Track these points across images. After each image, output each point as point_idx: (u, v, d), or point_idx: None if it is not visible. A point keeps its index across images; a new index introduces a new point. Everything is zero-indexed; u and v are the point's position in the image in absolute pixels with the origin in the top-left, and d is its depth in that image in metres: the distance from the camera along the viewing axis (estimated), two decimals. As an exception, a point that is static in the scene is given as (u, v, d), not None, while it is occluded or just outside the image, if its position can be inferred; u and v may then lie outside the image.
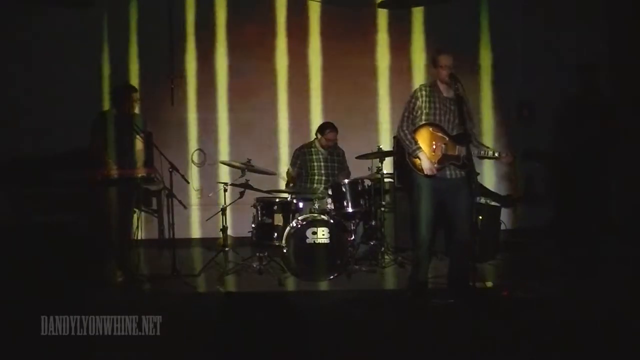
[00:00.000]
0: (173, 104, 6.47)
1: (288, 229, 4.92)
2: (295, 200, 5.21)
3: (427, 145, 4.07)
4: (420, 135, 4.09)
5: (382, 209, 5.39)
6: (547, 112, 6.02)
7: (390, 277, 4.99)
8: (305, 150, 5.73)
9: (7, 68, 6.24)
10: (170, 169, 4.82)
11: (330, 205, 5.20)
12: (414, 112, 4.11)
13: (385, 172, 5.40)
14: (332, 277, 4.83)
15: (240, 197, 5.34)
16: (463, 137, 4.04)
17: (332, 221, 4.91)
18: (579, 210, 5.37)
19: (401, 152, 4.49)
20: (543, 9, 6.45)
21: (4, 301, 3.70)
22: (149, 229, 6.25)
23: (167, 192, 5.01)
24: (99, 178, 4.40)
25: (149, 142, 4.83)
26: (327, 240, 4.84)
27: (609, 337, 3.29)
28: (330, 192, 5.27)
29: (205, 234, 6.52)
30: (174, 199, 4.96)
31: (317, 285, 4.77)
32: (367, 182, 5.50)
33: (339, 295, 4.48)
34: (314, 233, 4.85)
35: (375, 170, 5.53)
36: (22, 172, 5.24)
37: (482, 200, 5.55)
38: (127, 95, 4.53)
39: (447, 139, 4.09)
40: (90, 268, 4.40)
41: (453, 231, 4.20)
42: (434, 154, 4.07)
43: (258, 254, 5.14)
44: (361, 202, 5.23)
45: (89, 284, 4.27)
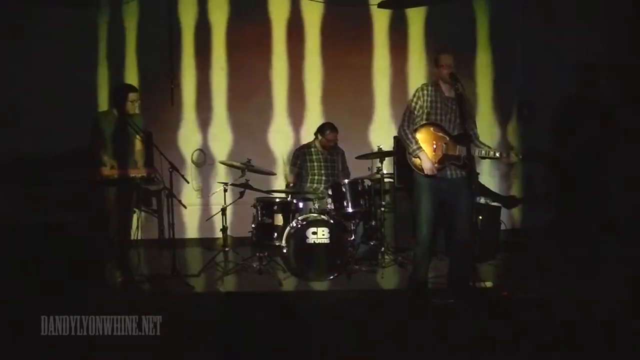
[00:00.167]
0: (173, 104, 6.47)
1: (288, 229, 4.92)
2: (295, 200, 5.21)
3: (428, 144, 4.07)
4: (421, 135, 4.10)
5: (382, 209, 5.39)
6: (547, 112, 6.02)
7: (390, 277, 4.99)
8: (305, 151, 5.73)
9: (7, 68, 6.23)
10: (170, 169, 4.82)
11: (330, 205, 5.20)
12: (415, 112, 4.11)
13: (385, 172, 5.40)
14: (332, 277, 4.83)
15: (240, 197, 5.34)
16: (464, 137, 4.04)
17: (332, 221, 4.91)
18: (579, 210, 5.37)
19: (402, 151, 4.49)
20: (543, 9, 6.45)
21: (4, 301, 3.70)
22: (149, 229, 6.25)
23: (167, 192, 5.00)
24: (98, 178, 4.39)
25: (149, 142, 4.83)
26: (327, 240, 4.84)
27: (609, 337, 3.29)
28: (330, 192, 5.26)
29: (205, 234, 6.52)
30: (174, 199, 4.95)
31: (317, 285, 4.77)
32: (367, 182, 5.50)
33: (339, 295, 4.48)
34: (314, 233, 4.85)
35: (375, 170, 5.53)
36: (22, 172, 5.23)
37: (482, 200, 5.55)
38: (127, 95, 4.52)
39: (447, 138, 4.09)
40: (90, 268, 4.40)
41: (453, 231, 4.21)
42: (434, 153, 4.07)
43: (258, 254, 5.14)
44: (361, 202, 5.23)
45: (89, 284, 4.27)
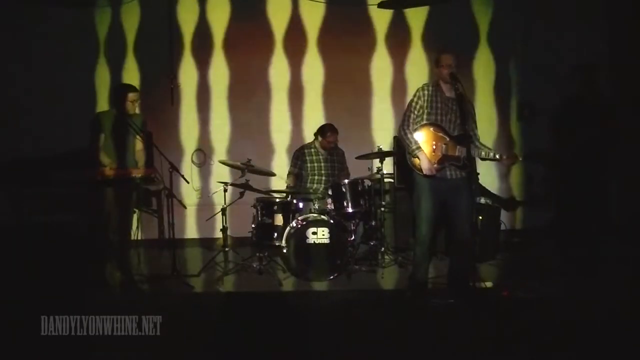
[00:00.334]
0: (173, 104, 6.47)
1: (288, 229, 4.92)
2: (295, 200, 5.21)
3: (428, 145, 4.07)
4: (420, 135, 4.09)
5: (382, 209, 5.38)
6: (547, 112, 6.02)
7: (390, 277, 4.99)
8: (305, 151, 5.73)
9: (7, 68, 6.24)
10: (170, 169, 4.82)
11: (330, 205, 5.20)
12: (416, 112, 4.11)
13: (385, 172, 5.40)
14: (332, 277, 4.83)
15: (240, 197, 5.34)
16: (464, 138, 4.03)
17: (332, 221, 4.91)
18: (579, 210, 5.37)
19: (402, 151, 4.49)
20: (543, 9, 6.45)
21: (4, 301, 3.70)
22: (149, 229, 6.25)
23: (167, 192, 5.00)
24: (98, 178, 4.39)
25: (149, 142, 4.83)
26: (327, 241, 4.84)
27: (609, 337, 3.29)
28: (330, 192, 5.26)
29: (205, 234, 6.52)
30: (174, 199, 4.96)
31: (317, 285, 4.77)
32: (367, 182, 5.50)
33: (339, 295, 4.47)
34: (314, 233, 4.85)
35: (375, 170, 5.53)
36: (22, 172, 5.23)
37: (482, 200, 5.55)
38: (127, 94, 4.52)
39: (447, 139, 4.08)
40: (90, 268, 4.40)
41: (453, 231, 4.21)
42: (434, 154, 4.07)
43: (258, 254, 5.14)
44: (361, 202, 5.23)
45: (89, 284, 4.27)
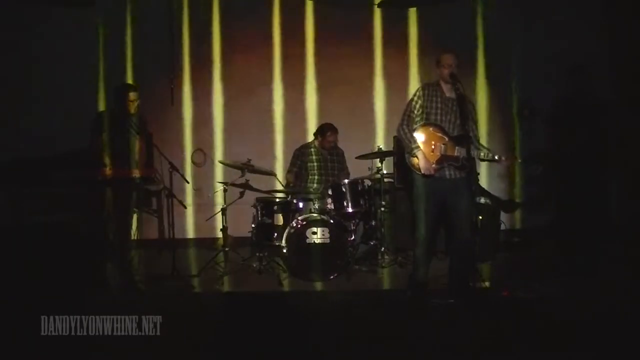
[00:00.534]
0: (173, 104, 6.47)
1: (288, 229, 4.91)
2: (295, 200, 5.21)
3: (427, 145, 4.07)
4: (420, 135, 4.08)
5: (382, 209, 5.39)
6: (547, 112, 6.01)
7: (390, 277, 4.99)
8: (305, 151, 5.73)
9: (7, 68, 6.23)
10: (170, 169, 4.82)
11: (330, 205, 5.20)
12: (415, 111, 4.10)
13: (385, 172, 5.40)
14: (332, 277, 4.83)
15: (240, 197, 5.34)
16: (463, 138, 4.03)
17: (332, 221, 4.91)
18: (579, 211, 5.37)
19: (401, 151, 4.49)
20: (542, 9, 6.45)
21: (4, 301, 3.70)
22: (149, 229, 6.25)
23: (167, 192, 5.00)
24: (99, 178, 4.39)
25: (149, 142, 4.82)
26: (327, 240, 4.84)
27: (609, 337, 3.29)
28: (330, 192, 5.26)
29: (205, 234, 6.51)
30: (174, 199, 4.96)
31: (317, 285, 4.77)
32: (367, 182, 5.50)
33: (339, 295, 4.48)
34: (314, 233, 4.85)
35: (375, 170, 5.53)
36: (22, 172, 5.22)
37: (482, 200, 5.54)
38: (127, 94, 4.52)
39: (446, 139, 4.08)
40: (90, 268, 4.40)
41: (453, 231, 4.20)
42: (432, 154, 4.06)
43: (258, 254, 5.14)
44: (361, 202, 5.23)
45: (88, 284, 4.27)
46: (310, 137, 6.08)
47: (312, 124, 6.47)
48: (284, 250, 4.89)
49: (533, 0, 6.52)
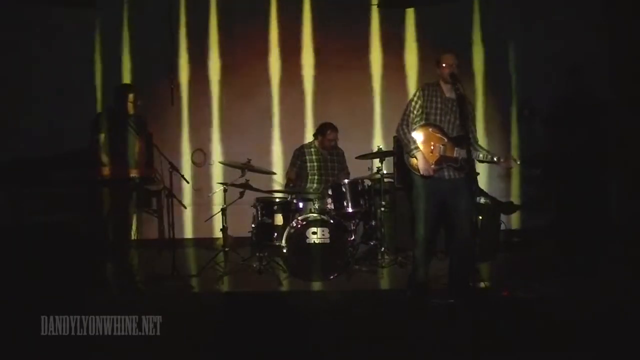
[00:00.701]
0: (173, 104, 6.47)
1: (288, 229, 4.91)
2: (295, 200, 5.21)
3: (426, 145, 4.06)
4: (419, 135, 4.08)
5: (382, 209, 5.38)
6: (546, 112, 6.02)
7: (390, 277, 4.99)
8: (305, 151, 5.73)
9: (7, 68, 6.23)
10: (170, 169, 4.82)
11: (330, 205, 5.20)
12: (415, 111, 4.10)
13: (385, 172, 5.40)
14: (332, 277, 4.83)
15: (240, 197, 5.34)
16: (463, 139, 4.02)
17: (332, 221, 4.91)
18: (579, 211, 5.37)
19: (401, 151, 4.49)
20: (542, 9, 6.44)
21: (4, 301, 3.70)
22: (149, 229, 6.25)
23: (167, 192, 5.01)
24: (99, 178, 4.39)
25: (149, 143, 4.83)
26: (327, 240, 4.84)
27: (609, 337, 3.29)
28: (330, 192, 5.26)
29: (205, 234, 6.51)
30: (174, 199, 4.96)
31: (317, 285, 4.77)
32: (367, 182, 5.50)
33: (339, 295, 4.47)
34: (314, 233, 4.84)
35: (375, 170, 5.53)
36: (22, 172, 5.22)
37: (481, 200, 5.54)
38: (127, 95, 4.52)
39: (446, 140, 4.07)
40: (90, 268, 4.40)
41: (453, 231, 4.20)
42: (431, 154, 4.06)
43: (258, 254, 5.14)
44: (361, 202, 5.23)
45: (88, 284, 4.27)
46: (309, 138, 6.07)
47: (311, 124, 6.47)
48: (284, 250, 4.88)
49: (532, 0, 6.51)
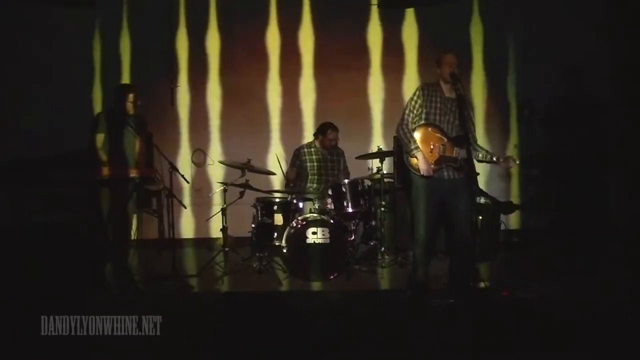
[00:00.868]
0: (173, 104, 6.48)
1: (288, 229, 4.91)
2: (295, 200, 5.21)
3: (426, 145, 4.05)
4: (418, 135, 4.07)
5: (382, 209, 5.38)
6: (546, 112, 6.02)
7: (390, 277, 4.99)
8: (305, 151, 5.73)
9: (6, 68, 6.24)
10: (170, 169, 4.82)
11: (330, 205, 5.20)
12: (415, 110, 4.09)
13: (385, 172, 5.40)
14: (332, 277, 4.83)
15: (240, 197, 5.34)
16: (462, 139, 4.02)
17: (332, 221, 4.91)
18: (579, 211, 5.38)
19: (401, 151, 4.48)
20: (542, 9, 6.44)
21: (4, 301, 3.70)
22: (148, 229, 6.25)
23: (167, 192, 5.01)
24: (98, 178, 4.40)
25: (149, 143, 4.83)
26: (327, 241, 4.84)
27: (609, 337, 3.29)
28: (330, 192, 5.26)
29: (205, 234, 6.52)
30: (174, 199, 4.96)
31: (317, 285, 4.77)
32: (367, 182, 5.50)
33: (339, 295, 4.47)
34: (314, 233, 4.84)
35: (375, 170, 5.53)
36: (22, 172, 5.23)
37: (481, 200, 5.54)
38: (127, 95, 4.52)
39: (445, 140, 4.07)
40: (90, 268, 4.40)
41: (453, 231, 4.20)
42: (431, 154, 4.05)
43: (258, 254, 5.14)
44: (361, 202, 5.23)
45: (88, 284, 4.27)
46: (308, 137, 6.06)
47: (311, 124, 6.47)
48: (284, 250, 4.88)
49: (532, 0, 6.51)
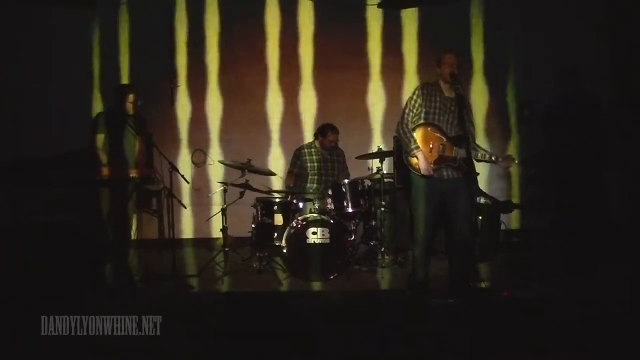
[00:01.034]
0: (173, 104, 6.47)
1: (288, 229, 4.91)
2: (295, 200, 5.21)
3: (425, 144, 4.06)
4: (418, 135, 4.07)
5: (382, 209, 5.38)
6: (546, 112, 6.01)
7: (390, 277, 4.99)
8: (305, 151, 5.73)
9: (6, 68, 6.24)
10: (170, 169, 4.82)
11: (330, 205, 5.20)
12: (415, 110, 4.09)
13: (385, 172, 5.40)
14: (332, 277, 4.83)
15: (240, 197, 5.34)
16: (461, 139, 4.02)
17: (332, 221, 4.91)
18: (579, 211, 5.37)
19: (400, 151, 4.48)
20: (542, 9, 6.44)
21: (4, 301, 3.70)
22: (148, 229, 6.25)
23: (167, 192, 5.01)
24: (98, 178, 4.40)
25: (149, 143, 4.83)
26: (327, 241, 4.84)
27: (609, 337, 3.29)
28: (330, 192, 5.26)
29: (205, 234, 6.52)
30: (174, 199, 4.96)
31: (317, 285, 4.77)
32: (367, 182, 5.50)
33: (339, 295, 4.47)
34: (314, 233, 4.84)
35: (375, 170, 5.53)
36: (22, 172, 5.23)
37: (481, 200, 5.54)
38: (127, 95, 4.52)
39: (444, 139, 4.07)
40: (90, 268, 4.40)
41: (453, 231, 4.19)
42: (430, 154, 4.05)
43: (258, 254, 5.14)
44: (361, 202, 5.23)
45: (88, 284, 4.27)
46: (308, 138, 6.06)
47: (311, 124, 6.47)
48: (284, 250, 4.88)
49: (532, 0, 6.51)
